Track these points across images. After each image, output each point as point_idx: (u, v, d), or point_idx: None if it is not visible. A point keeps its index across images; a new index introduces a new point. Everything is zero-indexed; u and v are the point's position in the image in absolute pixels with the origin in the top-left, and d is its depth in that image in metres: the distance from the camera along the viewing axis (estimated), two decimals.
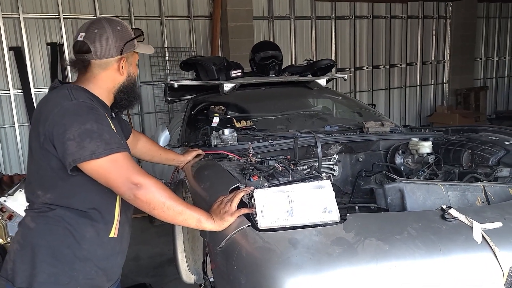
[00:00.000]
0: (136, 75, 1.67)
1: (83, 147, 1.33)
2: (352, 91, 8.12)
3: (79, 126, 1.34)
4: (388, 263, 1.30)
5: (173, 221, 1.44)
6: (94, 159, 1.33)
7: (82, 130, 1.34)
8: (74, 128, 1.34)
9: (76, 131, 1.33)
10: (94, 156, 1.33)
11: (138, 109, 6.43)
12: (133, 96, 1.64)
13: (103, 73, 1.53)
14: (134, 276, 3.52)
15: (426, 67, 8.97)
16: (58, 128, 1.35)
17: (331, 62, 3.59)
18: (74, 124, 1.34)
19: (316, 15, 7.57)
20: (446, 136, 2.70)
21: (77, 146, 1.33)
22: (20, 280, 1.42)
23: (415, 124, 8.79)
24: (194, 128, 3.05)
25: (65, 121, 1.35)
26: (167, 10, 6.45)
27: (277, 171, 1.81)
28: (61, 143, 1.34)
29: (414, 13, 8.60)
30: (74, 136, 1.33)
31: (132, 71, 1.62)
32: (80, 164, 1.35)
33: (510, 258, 1.31)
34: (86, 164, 1.35)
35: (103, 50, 1.50)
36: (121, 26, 1.56)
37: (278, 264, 1.31)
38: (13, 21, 5.61)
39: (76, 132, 1.33)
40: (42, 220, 1.45)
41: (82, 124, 1.35)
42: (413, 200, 1.63)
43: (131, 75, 1.61)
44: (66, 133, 1.34)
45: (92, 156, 1.33)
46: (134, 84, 1.64)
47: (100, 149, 1.34)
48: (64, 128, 1.34)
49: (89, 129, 1.35)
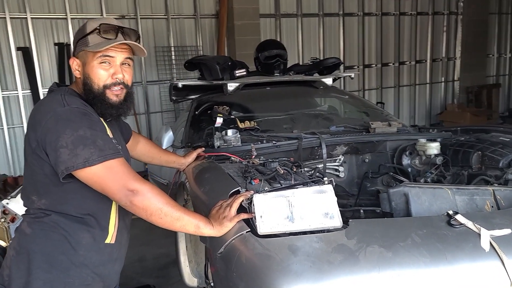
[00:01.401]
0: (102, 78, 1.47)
1: (76, 155, 1.29)
2: (361, 89, 8.03)
3: (72, 133, 1.31)
4: (391, 272, 1.25)
5: (171, 227, 1.41)
6: (88, 167, 1.30)
7: (75, 137, 1.30)
8: (67, 134, 1.30)
9: (69, 138, 1.30)
10: (87, 163, 1.30)
11: (145, 109, 6.43)
12: (99, 101, 1.47)
13: None
14: (139, 277, 3.51)
15: (436, 64, 8.83)
16: (51, 135, 1.32)
17: (337, 61, 3.53)
18: (66, 131, 1.31)
19: (324, 12, 7.49)
20: (455, 136, 2.63)
21: (70, 154, 1.29)
22: (15, 287, 1.40)
23: (425, 122, 8.67)
24: (197, 129, 3.02)
25: (58, 128, 1.32)
26: (173, 9, 6.43)
27: (279, 174, 1.77)
28: (53, 150, 1.31)
29: (424, 9, 8.47)
30: (67, 143, 1.30)
31: (87, 72, 1.46)
32: (74, 172, 1.32)
33: None
34: (80, 172, 1.32)
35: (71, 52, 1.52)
36: (84, 24, 1.50)
37: (277, 272, 1.27)
38: (20, 22, 5.64)
39: (69, 139, 1.30)
40: (38, 226, 1.43)
41: (75, 131, 1.31)
42: (418, 205, 1.58)
43: (86, 76, 1.47)
44: (58, 140, 1.30)
45: (86, 164, 1.30)
46: (92, 87, 1.46)
47: (94, 156, 1.30)
48: (57, 135, 1.31)
49: (82, 136, 1.31)
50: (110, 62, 1.47)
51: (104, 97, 1.47)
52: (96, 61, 1.45)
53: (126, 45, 1.50)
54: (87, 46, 1.45)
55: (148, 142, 2.00)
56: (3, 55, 5.62)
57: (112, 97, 1.49)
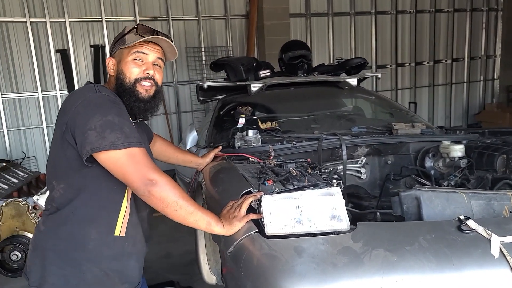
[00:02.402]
0: (134, 73, 1.55)
1: (104, 137, 1.34)
2: (393, 89, 7.88)
3: (101, 117, 1.36)
4: (395, 276, 1.24)
5: (184, 221, 1.43)
6: (113, 150, 1.34)
7: (103, 121, 1.36)
8: (96, 118, 1.36)
9: (98, 121, 1.36)
10: (113, 147, 1.34)
11: (176, 108, 6.57)
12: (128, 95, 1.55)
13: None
14: (164, 272, 3.61)
15: (475, 63, 8.53)
16: (81, 118, 1.38)
17: (362, 61, 3.49)
18: (96, 115, 1.37)
19: (356, 11, 7.39)
20: (482, 139, 2.55)
21: (97, 136, 1.34)
22: (32, 280, 1.48)
23: (461, 123, 8.40)
24: (220, 129, 3.06)
25: (88, 112, 1.38)
26: (204, 10, 6.54)
27: (292, 175, 1.78)
28: (81, 132, 1.36)
29: (462, 6, 8.20)
30: (96, 126, 1.35)
31: (121, 67, 1.55)
32: (97, 154, 1.36)
33: None
34: (103, 154, 1.35)
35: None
36: (122, 30, 1.60)
37: (282, 272, 1.29)
38: (59, 25, 5.92)
39: (97, 122, 1.35)
40: (50, 223, 1.49)
41: (104, 116, 1.37)
42: (430, 209, 1.55)
43: (119, 71, 1.56)
44: (88, 123, 1.36)
45: (111, 147, 1.34)
46: (124, 81, 1.54)
47: (120, 141, 1.35)
48: (87, 118, 1.37)
49: (110, 121, 1.37)
50: (143, 59, 1.56)
51: (134, 90, 1.55)
52: (130, 57, 1.55)
53: (159, 47, 1.60)
54: (123, 44, 1.56)
55: (165, 142, 2.06)
56: (44, 58, 5.92)
57: (142, 91, 1.56)
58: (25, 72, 5.86)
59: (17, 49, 5.78)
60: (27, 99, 5.92)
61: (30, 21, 5.72)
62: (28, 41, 5.76)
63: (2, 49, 5.71)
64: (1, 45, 5.69)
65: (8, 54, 5.76)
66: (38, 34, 5.83)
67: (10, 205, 3.37)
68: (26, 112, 5.93)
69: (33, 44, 5.77)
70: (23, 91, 5.89)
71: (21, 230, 3.41)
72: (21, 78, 5.86)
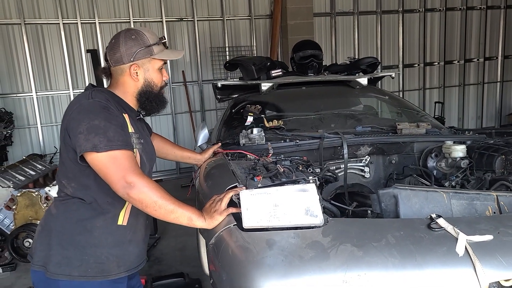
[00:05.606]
0: (160, 81, 1.73)
1: (88, 140, 1.47)
2: (421, 88, 7.71)
3: (89, 122, 1.49)
4: (358, 271, 1.27)
5: (165, 218, 1.53)
6: (95, 152, 1.47)
7: (90, 125, 1.49)
8: (85, 123, 1.50)
9: (85, 125, 1.49)
10: (95, 149, 1.46)
11: (200, 107, 6.72)
12: (155, 101, 1.73)
13: (121, 78, 1.69)
14: (177, 264, 3.74)
15: (509, 62, 8.21)
16: (73, 123, 1.52)
17: (373, 60, 3.47)
18: (85, 120, 1.50)
19: (382, 9, 7.29)
20: (486, 139, 2.50)
21: (84, 139, 1.48)
22: (37, 259, 1.60)
23: (494, 123, 8.11)
24: (229, 127, 3.14)
25: (80, 117, 1.52)
26: (229, 10, 6.64)
27: (279, 172, 1.84)
28: (74, 136, 1.51)
29: (496, 3, 7.91)
30: (83, 130, 1.49)
31: (151, 77, 1.70)
32: (85, 156, 1.49)
33: (491, 273, 1.22)
34: (88, 155, 1.49)
35: (116, 58, 1.66)
36: (137, 35, 1.66)
37: (252, 264, 1.34)
38: (90, 26, 6.18)
39: (85, 126, 1.49)
40: (62, 207, 1.63)
41: (91, 120, 1.50)
42: (407, 207, 1.56)
43: (149, 81, 1.70)
44: (78, 127, 1.50)
45: (94, 149, 1.46)
46: (153, 89, 1.71)
47: (101, 144, 1.47)
48: (78, 123, 1.51)
49: (96, 125, 1.49)
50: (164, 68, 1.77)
51: (161, 96, 1.77)
52: (159, 67, 1.73)
53: None
54: (151, 54, 1.67)
55: (163, 139, 2.15)
56: (75, 57, 6.21)
57: (165, 95, 1.80)
58: (58, 71, 6.17)
59: (51, 49, 6.10)
60: (59, 96, 6.23)
61: (63, 23, 6.01)
62: (60, 42, 6.06)
63: (37, 49, 6.04)
64: (36, 46, 6.02)
65: (43, 54, 6.08)
66: (70, 35, 6.12)
67: (24, 195, 3.61)
68: (59, 109, 6.24)
69: (65, 44, 6.07)
70: (56, 89, 6.20)
71: (34, 219, 3.66)
72: (54, 76, 6.18)
